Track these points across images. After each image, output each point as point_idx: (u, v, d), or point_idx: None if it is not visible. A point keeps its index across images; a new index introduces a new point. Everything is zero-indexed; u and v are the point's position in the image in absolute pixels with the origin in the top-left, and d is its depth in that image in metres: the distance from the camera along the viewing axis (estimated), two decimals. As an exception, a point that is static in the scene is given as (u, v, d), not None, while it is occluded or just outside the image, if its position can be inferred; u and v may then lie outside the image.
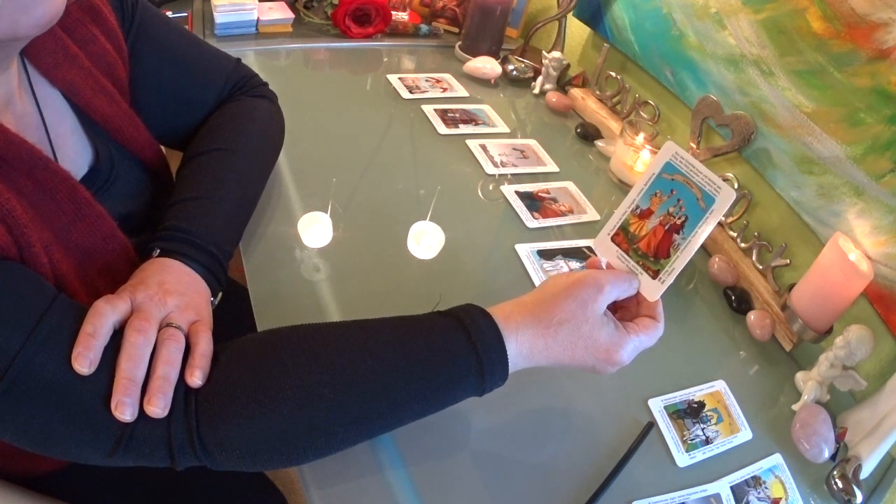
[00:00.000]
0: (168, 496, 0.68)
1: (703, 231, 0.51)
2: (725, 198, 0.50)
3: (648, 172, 0.55)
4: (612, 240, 0.56)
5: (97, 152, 0.58)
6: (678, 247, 0.52)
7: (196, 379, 0.44)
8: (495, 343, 0.49)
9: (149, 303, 0.48)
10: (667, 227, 0.53)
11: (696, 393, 0.68)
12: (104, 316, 0.44)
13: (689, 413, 0.66)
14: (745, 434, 0.65)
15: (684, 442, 0.63)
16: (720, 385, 0.70)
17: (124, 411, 0.41)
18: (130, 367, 0.43)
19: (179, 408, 0.43)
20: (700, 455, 0.62)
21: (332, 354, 0.47)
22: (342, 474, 0.52)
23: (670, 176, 0.53)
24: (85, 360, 0.41)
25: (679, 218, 0.52)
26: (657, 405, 0.65)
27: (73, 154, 0.56)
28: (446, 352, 0.48)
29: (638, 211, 0.55)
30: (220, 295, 0.59)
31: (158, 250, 0.55)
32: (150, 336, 0.45)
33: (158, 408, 0.42)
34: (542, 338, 0.50)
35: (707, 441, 0.63)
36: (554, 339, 0.50)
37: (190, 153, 0.66)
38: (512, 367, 0.50)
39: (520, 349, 0.50)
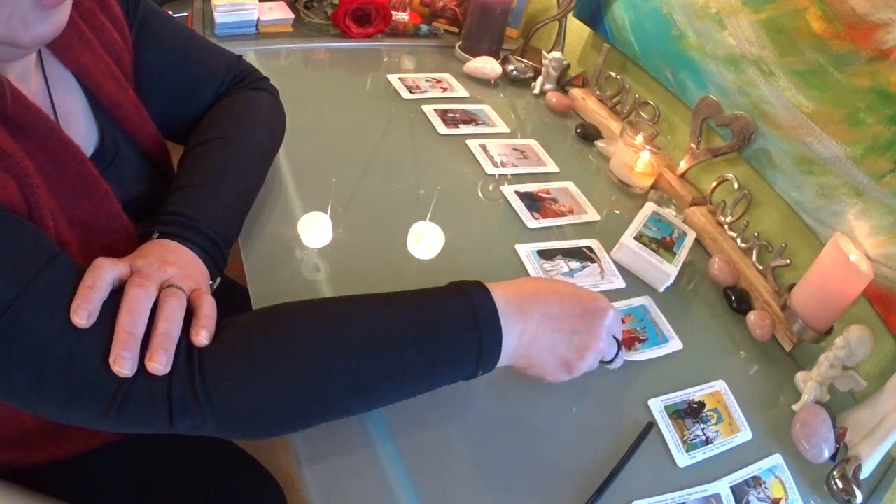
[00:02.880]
0: (166, 493, 0.68)
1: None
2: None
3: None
4: None
5: (102, 135, 0.59)
6: (636, 349, 0.70)
7: (202, 338, 0.44)
8: (496, 335, 0.51)
9: (149, 267, 0.47)
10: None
11: (696, 393, 0.68)
12: (104, 270, 0.43)
13: (689, 413, 0.66)
14: (745, 434, 0.65)
15: (684, 442, 0.63)
16: (720, 385, 0.70)
17: (123, 365, 0.40)
18: (130, 321, 0.42)
19: (181, 364, 0.43)
20: (700, 455, 0.62)
21: (341, 320, 0.48)
22: (341, 474, 0.52)
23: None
24: (83, 313, 0.41)
25: (643, 335, 0.72)
26: (657, 405, 0.65)
27: (81, 134, 0.56)
28: (453, 334, 0.50)
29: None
30: (218, 280, 0.59)
31: (158, 234, 0.55)
32: (151, 293, 0.45)
33: (160, 364, 0.41)
34: (540, 340, 0.53)
35: (707, 441, 0.63)
36: (553, 343, 0.54)
37: (191, 143, 0.67)
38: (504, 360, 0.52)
39: (520, 341, 0.52)
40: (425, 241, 0.75)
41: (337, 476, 0.52)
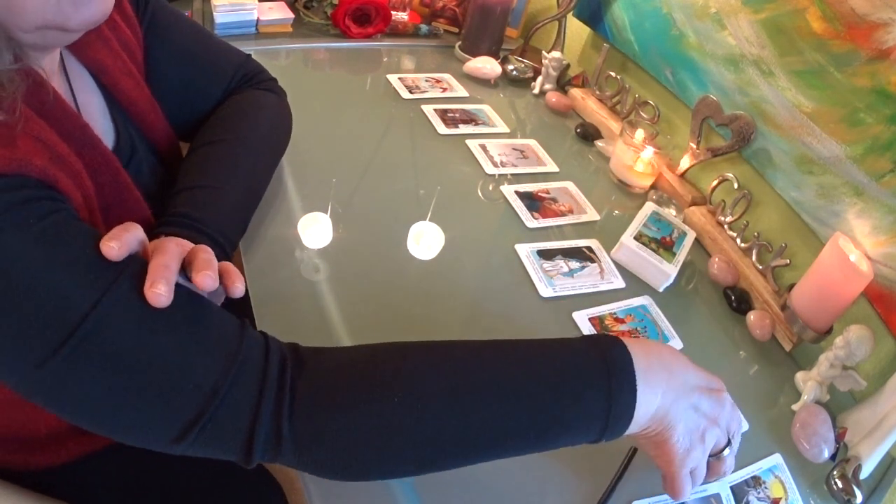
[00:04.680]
0: (167, 492, 0.68)
1: None
2: None
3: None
4: None
5: (118, 134, 0.59)
6: None
7: (238, 287, 0.44)
8: (628, 407, 0.45)
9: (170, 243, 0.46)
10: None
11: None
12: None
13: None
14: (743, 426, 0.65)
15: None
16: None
17: (160, 289, 0.38)
18: (164, 258, 0.41)
19: (271, 392, 0.40)
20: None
21: (451, 365, 0.44)
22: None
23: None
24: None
25: (643, 335, 0.71)
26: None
27: (100, 133, 0.56)
28: (578, 384, 0.44)
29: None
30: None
31: (163, 235, 0.55)
32: (183, 243, 0.44)
33: (207, 279, 0.41)
34: (678, 414, 0.47)
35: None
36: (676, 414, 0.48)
37: (197, 143, 0.67)
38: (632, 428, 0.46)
39: (647, 411, 0.46)
40: (425, 241, 0.75)
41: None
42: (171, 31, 0.66)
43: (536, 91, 1.18)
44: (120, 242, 0.40)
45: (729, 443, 0.52)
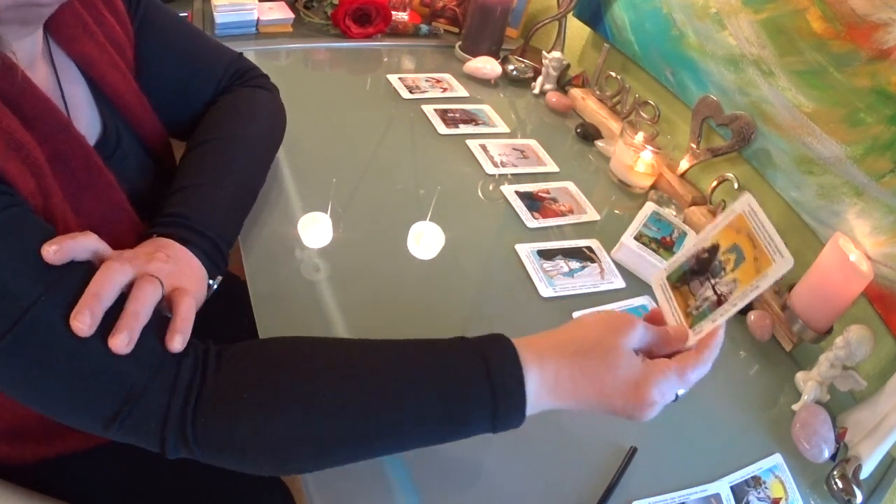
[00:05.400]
0: (167, 490, 0.68)
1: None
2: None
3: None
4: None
5: (104, 126, 0.59)
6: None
7: (176, 344, 0.44)
8: (515, 382, 0.45)
9: (134, 258, 0.48)
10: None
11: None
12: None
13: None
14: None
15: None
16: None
17: (83, 321, 0.40)
18: (98, 286, 0.42)
19: (180, 397, 0.43)
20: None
21: (344, 369, 0.46)
22: (341, 475, 0.52)
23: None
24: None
25: None
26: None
27: (84, 124, 0.57)
28: (461, 381, 0.45)
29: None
30: (219, 279, 0.59)
31: (156, 236, 0.55)
32: (128, 272, 0.44)
33: (121, 343, 0.41)
34: (567, 367, 0.46)
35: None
36: (580, 370, 0.46)
37: (191, 143, 0.67)
38: (534, 405, 0.46)
39: (543, 380, 0.45)
40: (425, 241, 0.75)
41: (337, 477, 0.52)
42: (162, 30, 0.67)
43: (537, 91, 1.18)
44: (59, 247, 0.41)
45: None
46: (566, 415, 0.62)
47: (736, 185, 0.89)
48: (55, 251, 0.41)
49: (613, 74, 1.10)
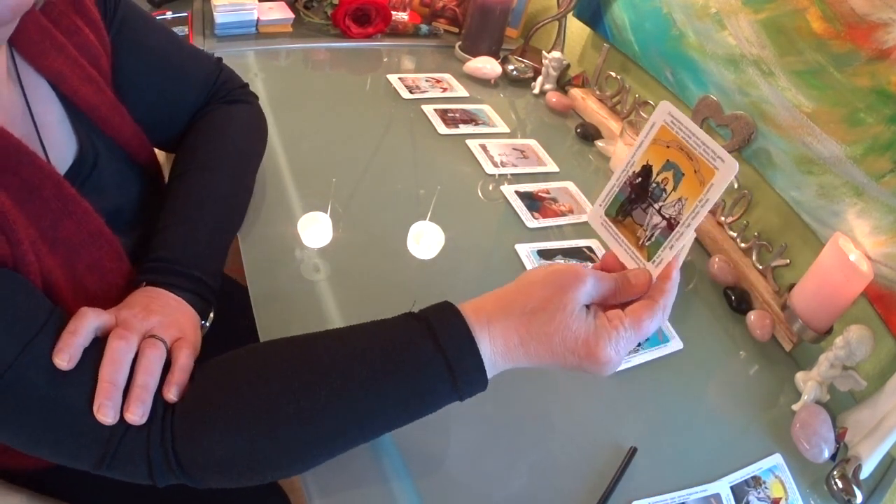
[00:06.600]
0: (167, 491, 0.68)
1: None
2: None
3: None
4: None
5: (80, 144, 0.57)
6: (637, 350, 0.49)
7: (171, 395, 0.45)
8: (467, 346, 0.45)
9: (132, 318, 0.49)
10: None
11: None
12: (86, 318, 0.45)
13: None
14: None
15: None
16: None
17: (107, 414, 0.42)
18: (111, 371, 0.44)
19: (157, 427, 0.44)
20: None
21: (300, 371, 0.46)
22: (341, 475, 0.52)
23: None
24: (65, 356, 0.42)
25: None
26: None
27: (60, 144, 0.56)
28: (413, 361, 0.45)
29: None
30: (210, 316, 0.60)
31: (144, 283, 0.55)
32: (132, 343, 0.46)
33: (136, 416, 0.43)
34: (514, 330, 0.46)
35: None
36: (528, 331, 0.45)
37: (170, 176, 0.67)
38: (491, 369, 0.46)
39: (494, 346, 0.46)
40: (425, 241, 0.75)
41: (337, 477, 0.52)
42: (141, 36, 0.65)
43: (536, 91, 1.18)
44: (69, 354, 0.42)
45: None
46: (566, 415, 0.62)
47: (736, 185, 0.89)
48: (69, 360, 0.42)
49: (613, 74, 1.10)
